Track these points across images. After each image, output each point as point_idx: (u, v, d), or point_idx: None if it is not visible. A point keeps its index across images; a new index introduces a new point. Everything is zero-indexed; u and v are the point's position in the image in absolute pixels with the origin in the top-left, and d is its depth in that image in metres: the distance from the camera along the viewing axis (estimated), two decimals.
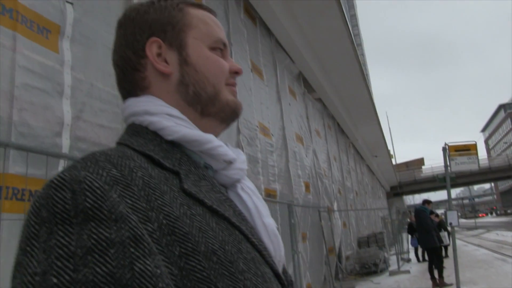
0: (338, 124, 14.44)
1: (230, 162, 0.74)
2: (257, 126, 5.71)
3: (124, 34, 0.78)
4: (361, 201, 17.88)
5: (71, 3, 2.61)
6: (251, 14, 6.50)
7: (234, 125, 4.95)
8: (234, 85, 0.81)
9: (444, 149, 7.23)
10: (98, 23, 2.87)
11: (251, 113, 5.62)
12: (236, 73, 0.81)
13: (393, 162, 37.63)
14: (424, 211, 9.17)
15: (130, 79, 0.76)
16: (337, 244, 9.61)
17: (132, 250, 0.48)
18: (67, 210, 0.49)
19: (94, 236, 0.47)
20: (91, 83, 2.71)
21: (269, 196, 5.65)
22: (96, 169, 0.54)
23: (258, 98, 6.06)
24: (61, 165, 2.26)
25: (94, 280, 0.45)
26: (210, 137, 0.71)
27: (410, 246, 15.85)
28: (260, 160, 5.58)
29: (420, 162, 53.88)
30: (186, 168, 0.66)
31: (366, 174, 21.88)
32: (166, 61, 0.75)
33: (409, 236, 15.30)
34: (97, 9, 2.90)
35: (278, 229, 0.79)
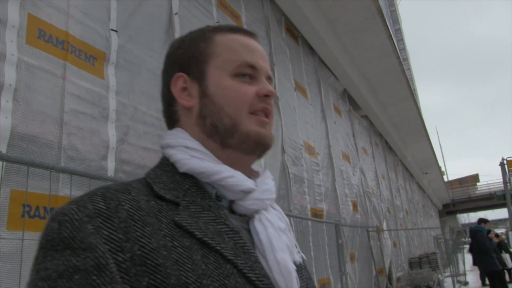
0: (386, 142, 14.07)
1: (247, 192, 0.73)
2: (302, 145, 5.65)
3: (163, 70, 0.83)
4: (412, 220, 17.22)
5: (116, 31, 2.71)
6: (293, 33, 6.51)
7: (279, 145, 4.92)
8: (263, 111, 0.77)
9: (502, 164, 6.85)
10: (142, 49, 2.95)
11: (296, 133, 5.57)
12: (266, 96, 0.77)
13: (445, 179, 36.14)
14: (480, 230, 8.62)
15: (167, 113, 0.82)
16: (387, 265, 9.25)
17: (94, 277, 0.54)
18: (53, 239, 0.57)
19: (66, 263, 0.55)
20: (135, 107, 2.78)
21: (315, 216, 5.54)
22: (84, 203, 0.60)
23: (303, 117, 6.02)
24: None
25: None
26: (220, 168, 0.72)
27: (466, 268, 15.00)
28: (306, 180, 5.50)
29: (474, 178, 51.40)
30: (191, 199, 0.68)
31: (417, 192, 21.10)
32: (191, 95, 0.78)
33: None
34: (141, 35, 2.98)
35: (302, 259, 0.78)
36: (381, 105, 11.48)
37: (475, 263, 9.27)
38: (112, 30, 2.68)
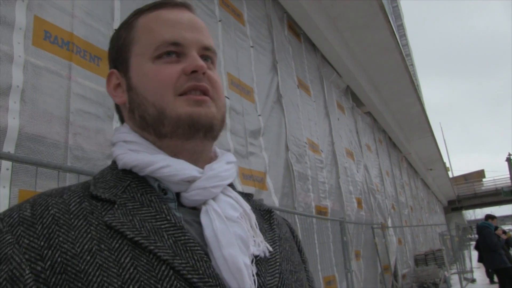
0: (390, 138, 14.05)
1: (191, 182, 0.66)
2: (305, 143, 5.66)
3: None
4: (417, 217, 17.18)
5: None
6: (295, 30, 6.52)
7: (282, 143, 4.93)
8: (195, 89, 0.69)
9: (508, 160, 6.84)
10: None
11: (299, 130, 5.58)
12: (194, 72, 0.69)
13: (450, 175, 36.02)
14: (488, 227, 8.55)
15: (116, 111, 0.79)
16: (392, 262, 9.24)
17: None
18: None
19: None
20: None
21: (320, 213, 5.55)
22: (12, 212, 0.59)
23: (306, 115, 6.03)
24: None
25: None
26: (153, 158, 0.66)
27: (473, 265, 14.94)
28: (310, 177, 5.51)
29: (480, 174, 51.22)
30: (129, 195, 0.63)
31: (421, 189, 21.05)
32: (123, 90, 0.74)
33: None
34: None
35: (281, 249, 0.72)
36: (384, 102, 11.46)
37: (480, 259, 9.22)
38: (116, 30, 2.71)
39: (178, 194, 0.67)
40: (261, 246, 0.67)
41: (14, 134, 1.94)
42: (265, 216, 0.78)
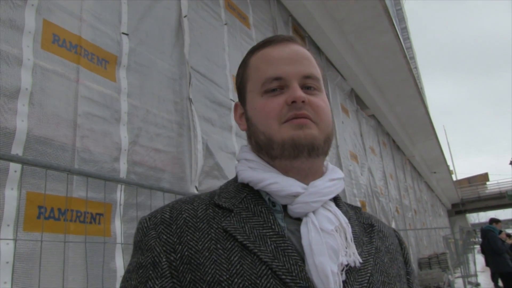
0: (393, 141, 14.01)
1: (296, 196, 0.76)
2: None
3: None
4: (421, 220, 17.12)
5: (127, 34, 2.75)
6: (300, 33, 6.53)
7: None
8: (296, 117, 0.77)
9: None
10: (152, 51, 2.99)
11: None
12: (293, 102, 0.78)
13: (454, 178, 35.87)
14: (492, 231, 8.51)
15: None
16: None
17: (150, 272, 0.70)
18: (134, 242, 0.77)
19: (136, 260, 0.73)
20: (147, 109, 2.81)
21: None
22: (156, 213, 0.77)
23: None
24: (118, 189, 2.35)
25: None
26: (265, 176, 0.77)
27: (477, 268, 14.84)
28: None
29: (483, 177, 50.98)
30: (244, 206, 0.76)
31: (425, 192, 20.98)
32: (245, 119, 0.86)
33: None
34: (151, 38, 3.02)
35: (372, 260, 0.76)
36: (389, 104, 11.44)
37: (487, 263, 9.16)
38: (123, 33, 2.72)
39: (286, 207, 0.77)
40: (352, 257, 0.73)
41: (23, 137, 1.95)
42: (367, 230, 0.85)
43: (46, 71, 2.16)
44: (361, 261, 0.74)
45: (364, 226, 0.85)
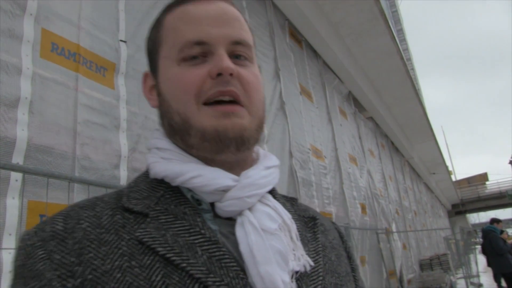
0: (392, 143, 14.04)
1: (226, 191, 0.60)
2: (309, 149, 5.67)
3: None
4: (421, 221, 17.13)
5: (125, 41, 2.76)
6: (297, 37, 6.55)
7: (286, 150, 4.94)
8: (221, 100, 0.61)
9: None
10: None
11: (303, 136, 5.59)
12: (219, 75, 0.61)
13: (453, 179, 35.92)
14: (493, 231, 8.50)
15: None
16: (397, 267, 9.21)
17: None
18: (13, 268, 0.55)
19: None
20: (145, 116, 2.82)
21: None
22: (44, 225, 0.57)
23: (309, 121, 6.04)
24: None
25: None
26: (184, 168, 0.61)
27: (479, 269, 14.82)
28: (314, 183, 5.51)
29: (483, 177, 51.05)
30: (163, 207, 0.59)
31: (424, 193, 21.00)
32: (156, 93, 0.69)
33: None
34: None
35: (321, 262, 0.65)
36: (386, 106, 11.47)
37: (489, 264, 9.16)
38: (121, 40, 2.73)
39: (213, 204, 0.62)
40: (301, 260, 0.61)
41: (23, 145, 1.95)
42: (309, 224, 0.71)
43: (45, 79, 2.17)
44: (312, 264, 0.62)
45: (305, 220, 0.71)
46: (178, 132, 0.63)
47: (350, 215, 6.82)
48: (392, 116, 12.27)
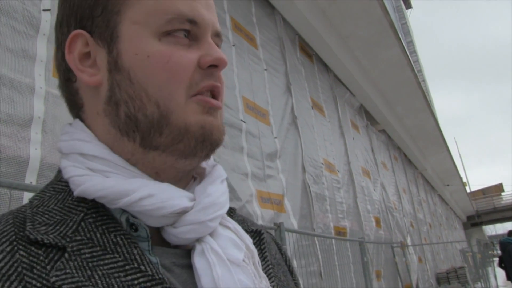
0: (405, 155, 13.92)
1: (179, 214, 0.47)
2: (322, 163, 5.62)
3: (56, 23, 0.54)
4: (436, 234, 16.87)
5: None
6: (307, 51, 6.56)
7: (299, 164, 4.90)
8: (211, 90, 0.51)
9: None
10: None
11: (315, 151, 5.56)
12: (213, 67, 0.51)
13: (467, 190, 35.43)
14: (511, 243, 8.37)
15: (65, 92, 0.54)
16: (414, 281, 9.02)
17: None
18: None
19: None
20: None
21: (339, 234, 5.47)
22: None
23: (321, 135, 6.01)
24: None
25: None
26: (129, 186, 0.45)
27: (499, 282, 14.48)
28: (328, 198, 5.45)
29: (498, 188, 50.26)
30: (85, 236, 0.43)
31: (439, 205, 20.71)
32: (96, 65, 0.51)
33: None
34: None
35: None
36: (398, 119, 11.40)
37: (509, 277, 8.95)
38: None
39: (156, 229, 0.49)
40: None
41: (36, 165, 1.95)
42: (254, 239, 0.58)
43: (58, 98, 2.17)
44: None
45: (250, 235, 0.58)
46: (144, 128, 0.48)
47: (365, 229, 6.73)
48: (404, 128, 12.18)
